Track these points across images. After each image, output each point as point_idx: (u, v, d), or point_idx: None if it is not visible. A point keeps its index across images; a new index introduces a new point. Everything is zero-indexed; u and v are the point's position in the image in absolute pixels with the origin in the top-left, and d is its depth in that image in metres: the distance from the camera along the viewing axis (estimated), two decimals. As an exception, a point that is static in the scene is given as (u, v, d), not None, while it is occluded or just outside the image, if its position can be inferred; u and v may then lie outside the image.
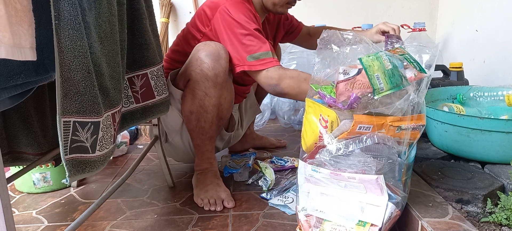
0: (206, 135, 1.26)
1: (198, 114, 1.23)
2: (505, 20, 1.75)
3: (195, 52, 1.22)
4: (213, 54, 1.18)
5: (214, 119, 1.25)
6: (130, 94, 1.07)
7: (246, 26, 1.19)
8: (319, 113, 0.89)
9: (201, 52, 1.20)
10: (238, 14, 1.20)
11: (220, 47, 1.20)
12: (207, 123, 1.24)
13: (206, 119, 1.24)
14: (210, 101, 1.22)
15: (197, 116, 1.23)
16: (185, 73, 1.24)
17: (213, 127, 1.26)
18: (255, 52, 1.18)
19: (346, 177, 0.84)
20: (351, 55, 0.90)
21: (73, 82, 0.71)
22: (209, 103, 1.22)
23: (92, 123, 0.77)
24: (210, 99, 1.22)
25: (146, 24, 1.04)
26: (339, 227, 0.87)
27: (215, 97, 1.22)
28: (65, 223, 1.15)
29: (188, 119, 1.26)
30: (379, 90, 0.82)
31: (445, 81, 1.72)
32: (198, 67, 1.19)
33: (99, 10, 0.81)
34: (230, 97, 1.29)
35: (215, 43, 1.21)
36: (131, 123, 1.08)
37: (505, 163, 1.12)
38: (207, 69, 1.19)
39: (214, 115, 1.24)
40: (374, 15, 2.37)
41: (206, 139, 1.27)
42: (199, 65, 1.19)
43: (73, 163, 0.74)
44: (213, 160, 1.30)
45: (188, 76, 1.23)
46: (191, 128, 1.26)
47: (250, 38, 1.18)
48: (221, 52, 1.19)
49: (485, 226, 0.91)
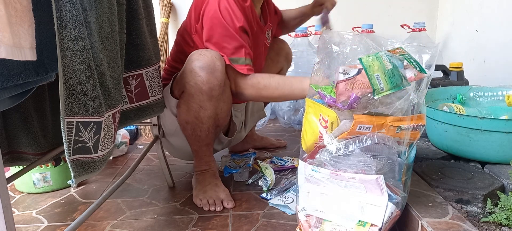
0: (202, 142, 1.25)
1: (194, 124, 1.21)
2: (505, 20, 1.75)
3: (189, 62, 1.17)
4: (208, 66, 1.13)
5: (210, 128, 1.23)
6: (125, 94, 1.07)
7: (230, 25, 1.17)
8: (319, 113, 0.89)
9: (195, 62, 1.15)
10: (226, 8, 1.17)
11: (216, 58, 1.15)
12: (203, 132, 1.22)
13: (202, 129, 1.22)
14: (205, 113, 1.19)
15: (192, 126, 1.21)
16: (180, 83, 1.21)
17: (210, 135, 1.24)
18: (229, 55, 1.18)
19: (346, 177, 0.84)
20: (351, 55, 0.90)
21: (76, 82, 0.71)
22: (204, 115, 1.19)
23: (94, 123, 0.77)
24: (206, 112, 1.19)
25: (143, 24, 1.04)
26: (339, 227, 0.87)
27: (211, 110, 1.19)
28: (65, 223, 1.15)
29: (184, 127, 1.24)
30: (379, 90, 0.82)
31: (445, 81, 1.72)
32: (193, 79, 1.15)
33: (100, 10, 0.81)
34: (227, 107, 1.26)
35: (210, 52, 1.16)
36: (124, 123, 1.08)
37: (505, 163, 1.12)
38: (202, 82, 1.14)
39: (210, 125, 1.22)
40: (374, 15, 2.37)
41: (203, 146, 1.26)
42: (193, 77, 1.15)
43: (77, 164, 0.74)
44: (211, 162, 1.30)
45: (183, 88, 1.19)
46: (187, 135, 1.25)
47: (227, 40, 1.17)
48: (216, 64, 1.14)
49: (485, 226, 0.91)
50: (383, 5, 2.41)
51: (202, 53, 1.16)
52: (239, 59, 1.18)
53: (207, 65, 1.14)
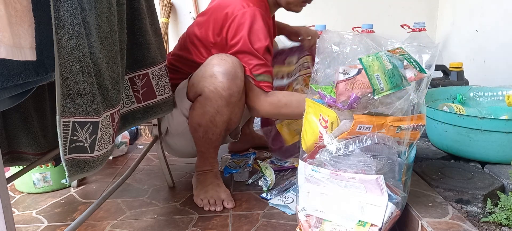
0: (212, 145, 1.24)
1: (207, 128, 1.20)
2: (505, 20, 1.75)
3: (209, 66, 1.15)
4: (230, 73, 1.13)
5: (222, 132, 1.22)
6: (132, 94, 1.07)
7: (257, 44, 1.17)
8: (319, 113, 0.89)
9: (216, 67, 1.14)
10: (255, 26, 1.17)
11: (237, 65, 1.15)
12: (215, 135, 1.21)
13: (215, 132, 1.21)
14: (221, 118, 1.18)
15: (205, 129, 1.20)
16: (196, 87, 1.18)
17: (220, 138, 1.24)
18: (252, 70, 1.18)
19: (346, 177, 0.84)
20: (351, 55, 0.90)
21: (72, 82, 0.71)
22: (220, 120, 1.18)
23: (91, 123, 0.77)
24: (222, 117, 1.18)
25: (146, 23, 1.04)
26: (339, 227, 0.87)
27: (227, 115, 1.18)
28: (65, 223, 1.15)
29: (195, 129, 1.22)
30: (379, 90, 0.82)
31: (445, 81, 1.72)
32: (212, 84, 1.14)
33: (99, 10, 0.81)
34: (240, 113, 1.26)
35: (231, 59, 1.15)
36: (132, 123, 1.08)
37: (505, 163, 1.12)
38: (222, 89, 1.13)
39: (223, 129, 1.22)
40: (374, 15, 2.36)
41: (211, 148, 1.25)
42: (213, 82, 1.13)
43: (72, 163, 0.74)
44: (215, 163, 1.29)
45: (200, 91, 1.17)
46: (197, 137, 1.23)
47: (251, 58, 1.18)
48: (237, 71, 1.14)
49: (485, 226, 0.91)
50: (383, 5, 2.40)
51: (223, 59, 1.15)
52: (259, 75, 1.18)
53: (228, 72, 1.13)
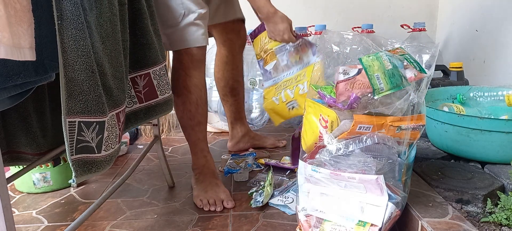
0: (196, 129, 1.28)
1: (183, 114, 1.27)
2: (505, 20, 1.75)
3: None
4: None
5: (198, 109, 1.27)
6: (133, 94, 1.08)
7: None
8: (319, 113, 0.89)
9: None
10: None
11: None
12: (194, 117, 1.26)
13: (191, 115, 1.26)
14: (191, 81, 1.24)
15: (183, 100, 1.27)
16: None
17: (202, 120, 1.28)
18: None
19: (346, 177, 0.84)
20: (351, 55, 0.90)
21: (77, 82, 0.71)
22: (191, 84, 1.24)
23: (97, 123, 0.77)
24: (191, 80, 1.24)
25: (148, 24, 1.04)
26: (339, 227, 0.87)
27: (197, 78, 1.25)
28: (65, 223, 1.15)
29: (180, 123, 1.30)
30: (379, 90, 0.82)
31: (445, 81, 1.72)
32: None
33: (100, 10, 0.81)
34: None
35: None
36: (135, 123, 1.08)
37: (505, 163, 1.12)
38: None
39: (197, 104, 1.26)
40: (374, 15, 2.37)
41: (199, 135, 1.29)
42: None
43: (79, 163, 0.74)
44: (207, 153, 1.31)
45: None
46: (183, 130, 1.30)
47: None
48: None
49: (485, 226, 0.91)
50: (383, 5, 2.41)
51: None
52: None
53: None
